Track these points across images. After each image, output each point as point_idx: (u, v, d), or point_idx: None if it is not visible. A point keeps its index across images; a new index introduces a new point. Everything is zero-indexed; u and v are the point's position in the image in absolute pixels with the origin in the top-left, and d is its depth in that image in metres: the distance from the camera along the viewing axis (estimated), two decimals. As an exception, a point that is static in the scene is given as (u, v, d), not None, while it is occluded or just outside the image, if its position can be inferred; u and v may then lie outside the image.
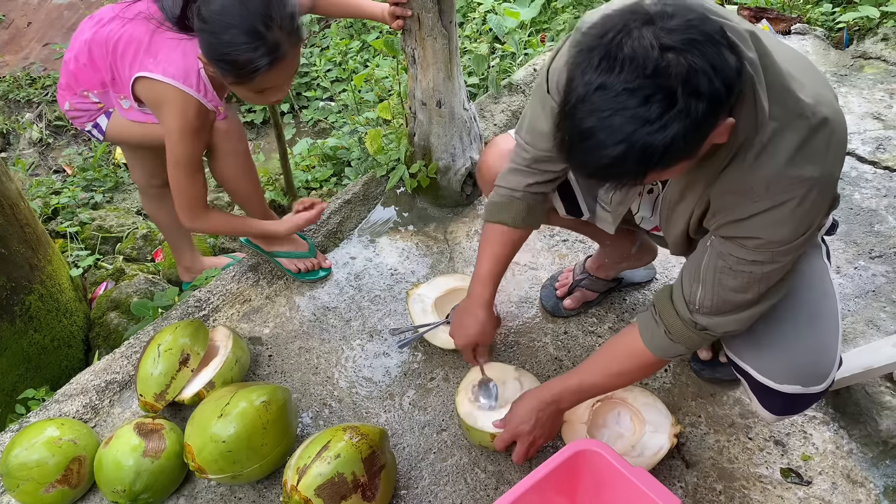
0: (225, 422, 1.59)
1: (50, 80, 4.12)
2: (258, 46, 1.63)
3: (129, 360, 2.02)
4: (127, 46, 1.81)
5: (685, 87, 0.90)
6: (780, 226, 1.15)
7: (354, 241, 2.41)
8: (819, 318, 1.38)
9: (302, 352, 2.05)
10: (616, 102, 0.92)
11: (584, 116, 0.96)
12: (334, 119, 3.54)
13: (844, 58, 3.15)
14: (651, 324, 1.40)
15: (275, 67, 1.67)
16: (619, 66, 0.91)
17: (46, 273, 2.30)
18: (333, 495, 1.50)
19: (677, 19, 0.92)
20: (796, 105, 1.08)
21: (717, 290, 1.27)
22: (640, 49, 0.91)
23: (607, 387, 1.57)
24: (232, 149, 1.94)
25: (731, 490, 1.66)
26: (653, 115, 0.91)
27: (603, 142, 0.96)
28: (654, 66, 0.90)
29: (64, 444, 1.69)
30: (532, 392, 1.60)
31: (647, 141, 0.94)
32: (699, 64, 0.90)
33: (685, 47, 0.90)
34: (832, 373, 1.36)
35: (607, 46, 0.93)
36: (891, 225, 2.26)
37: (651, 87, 0.91)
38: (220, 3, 1.61)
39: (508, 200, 1.57)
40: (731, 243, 1.21)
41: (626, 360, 1.47)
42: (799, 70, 1.12)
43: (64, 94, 1.97)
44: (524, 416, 1.57)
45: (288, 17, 1.66)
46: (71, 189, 3.26)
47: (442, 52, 2.14)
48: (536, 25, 3.63)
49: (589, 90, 0.94)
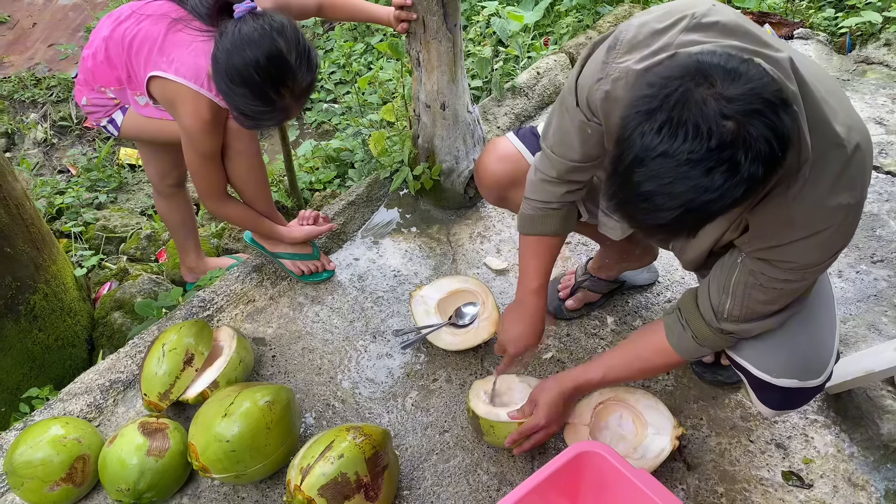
0: (229, 421, 1.60)
1: (55, 81, 4.13)
2: (267, 112, 1.69)
3: (133, 359, 2.03)
4: (142, 45, 1.83)
5: (747, 156, 0.90)
6: (816, 251, 1.18)
7: (358, 242, 2.42)
8: (815, 313, 1.40)
9: (305, 352, 2.06)
10: (678, 172, 0.92)
11: (642, 180, 0.95)
12: (338, 121, 3.54)
13: (847, 63, 3.15)
14: (678, 327, 1.43)
15: (279, 123, 1.77)
16: (682, 135, 0.91)
17: (51, 272, 2.31)
18: (337, 495, 1.50)
19: (738, 86, 0.91)
20: (834, 135, 1.08)
21: (746, 302, 1.30)
22: (704, 119, 0.90)
23: (628, 380, 1.63)
24: (243, 148, 1.95)
25: (733, 493, 1.67)
26: (715, 184, 0.91)
27: (661, 206, 0.96)
28: (719, 139, 0.90)
29: (68, 443, 1.70)
30: (552, 383, 1.61)
31: (707, 206, 0.95)
32: (761, 132, 0.90)
33: (747, 117, 0.90)
34: (829, 367, 1.38)
35: (670, 111, 0.92)
36: (892, 229, 2.26)
37: (714, 159, 0.90)
38: (240, 54, 1.63)
39: (545, 213, 1.57)
40: (764, 263, 1.23)
41: (653, 358, 1.50)
42: (829, 93, 1.12)
43: (81, 90, 2.00)
44: (550, 408, 1.59)
45: (303, 89, 1.71)
46: (75, 189, 3.28)
47: (446, 55, 2.15)
48: (540, 29, 3.64)
49: (649, 155, 0.93)
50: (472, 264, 2.30)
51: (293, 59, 1.65)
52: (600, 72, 1.22)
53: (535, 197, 1.55)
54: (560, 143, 1.42)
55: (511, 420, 1.66)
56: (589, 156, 1.40)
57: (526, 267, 1.66)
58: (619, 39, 1.20)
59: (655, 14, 1.18)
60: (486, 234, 2.41)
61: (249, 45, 1.62)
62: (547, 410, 1.59)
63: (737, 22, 1.12)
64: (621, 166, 0.98)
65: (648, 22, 1.17)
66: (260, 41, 1.62)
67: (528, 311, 1.69)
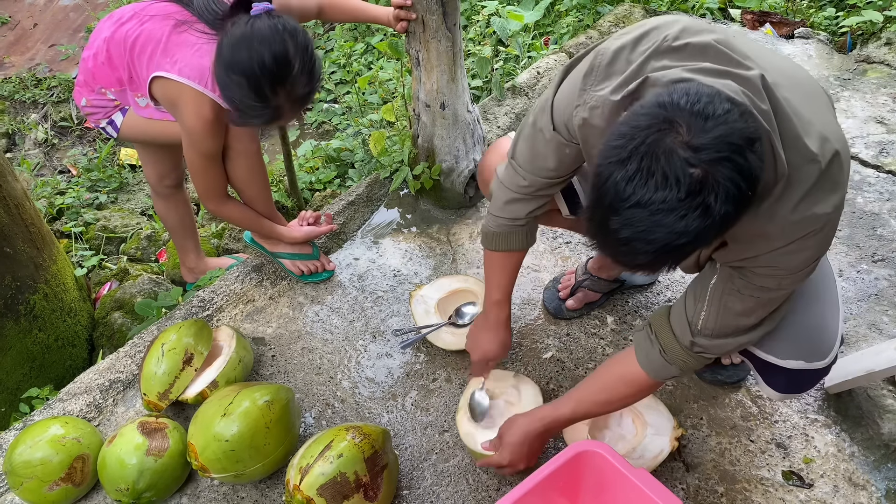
0: (228, 421, 1.60)
1: (55, 82, 4.13)
2: (258, 107, 1.68)
3: (132, 359, 2.03)
4: (144, 46, 1.83)
5: (717, 199, 0.92)
6: (792, 259, 1.18)
7: (358, 242, 2.42)
8: (819, 296, 1.41)
9: (305, 352, 2.06)
10: (652, 220, 0.94)
11: (619, 227, 0.97)
12: (338, 121, 3.54)
13: (848, 62, 3.15)
14: (646, 343, 1.41)
15: (268, 125, 1.74)
16: (653, 186, 0.92)
17: (51, 273, 2.31)
18: (336, 495, 1.50)
19: (704, 134, 0.92)
20: (807, 151, 1.09)
21: (722, 312, 1.29)
22: (671, 169, 0.92)
23: (599, 414, 1.59)
24: (243, 149, 1.95)
25: (733, 492, 1.66)
26: (690, 227, 0.93)
27: (639, 250, 0.98)
28: (688, 188, 0.91)
29: (68, 443, 1.70)
30: (521, 421, 1.58)
31: (684, 247, 0.97)
32: (730, 176, 0.92)
33: (716, 165, 0.91)
34: (834, 349, 1.39)
35: (639, 162, 0.93)
36: (893, 229, 2.26)
37: (686, 207, 0.92)
38: (246, 46, 1.63)
39: (510, 230, 1.58)
40: (742, 271, 1.23)
41: (619, 388, 1.47)
42: (803, 103, 1.12)
43: (81, 91, 2.00)
44: (514, 448, 1.57)
45: (303, 91, 1.70)
46: (76, 189, 3.28)
47: (446, 55, 2.15)
48: (540, 28, 3.63)
49: (623, 205, 0.95)
50: (471, 264, 2.29)
51: (297, 63, 1.65)
52: (578, 98, 1.24)
53: (502, 214, 1.56)
54: (531, 161, 1.43)
55: (483, 451, 1.65)
56: (564, 172, 1.42)
57: (491, 281, 1.69)
58: (594, 66, 1.21)
59: (631, 37, 1.20)
60: (486, 233, 2.40)
61: (259, 41, 1.62)
62: (510, 450, 1.57)
63: (707, 41, 1.12)
64: (598, 212, 1.00)
65: (623, 47, 1.19)
66: (270, 38, 1.63)
67: (492, 323, 1.72)
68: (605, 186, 0.97)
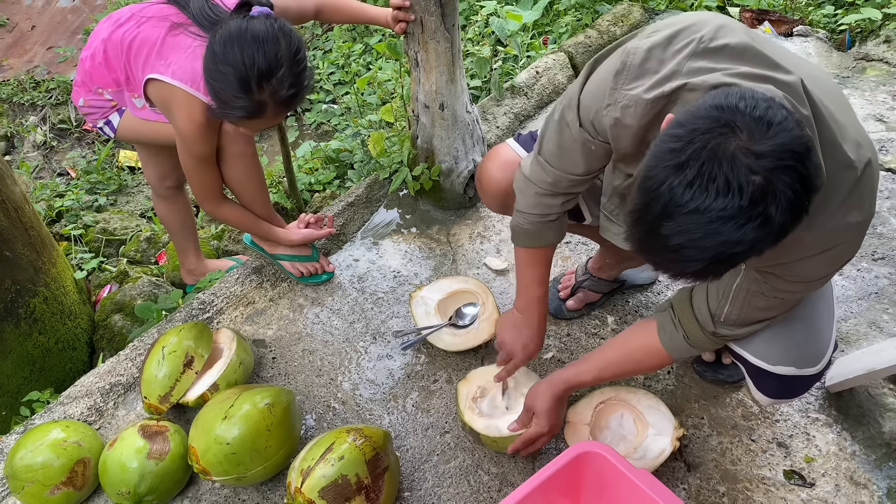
0: (229, 424, 1.60)
1: (54, 84, 4.13)
2: (241, 98, 1.66)
3: (133, 362, 2.03)
4: (140, 48, 1.84)
5: (778, 209, 0.90)
6: (824, 266, 1.18)
7: (357, 243, 2.41)
8: (813, 302, 1.40)
9: (305, 354, 2.05)
10: (709, 228, 0.91)
11: (671, 234, 0.94)
12: (337, 122, 3.54)
13: (847, 60, 3.15)
14: (670, 326, 1.42)
15: (248, 120, 1.72)
16: (714, 192, 0.89)
17: (51, 276, 2.31)
18: (337, 497, 1.50)
19: (767, 141, 0.89)
20: (844, 157, 1.08)
21: (746, 308, 1.30)
22: (734, 175, 0.89)
23: (619, 377, 1.65)
24: (239, 151, 1.95)
25: (734, 492, 1.66)
26: (747, 237, 0.91)
27: (690, 258, 0.95)
28: (751, 196, 0.89)
29: (69, 447, 1.70)
30: (545, 387, 1.60)
31: (736, 257, 0.94)
32: (791, 185, 0.90)
33: (778, 173, 0.89)
34: (826, 356, 1.39)
35: (700, 167, 0.90)
36: (893, 227, 2.26)
37: (746, 216, 0.90)
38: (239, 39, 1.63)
39: (542, 226, 1.55)
40: (769, 275, 1.23)
41: (644, 358, 1.50)
42: (838, 109, 1.11)
43: (79, 91, 2.01)
44: (549, 413, 1.60)
45: (287, 93, 1.69)
46: (75, 192, 3.27)
47: (444, 55, 2.15)
48: (539, 28, 3.63)
49: (679, 210, 0.92)
50: (472, 265, 2.29)
51: (286, 64, 1.65)
52: (609, 97, 1.21)
53: (533, 211, 1.53)
54: (559, 157, 1.40)
55: (512, 432, 1.67)
56: (592, 170, 1.40)
57: (526, 279, 1.65)
58: (626, 64, 1.19)
59: (663, 35, 1.17)
60: (485, 234, 2.40)
61: (253, 37, 1.62)
62: (547, 417, 1.60)
63: (745, 43, 1.11)
64: (648, 216, 0.96)
65: (656, 46, 1.16)
66: (264, 38, 1.63)
67: (533, 319, 1.68)
68: (659, 191, 0.93)
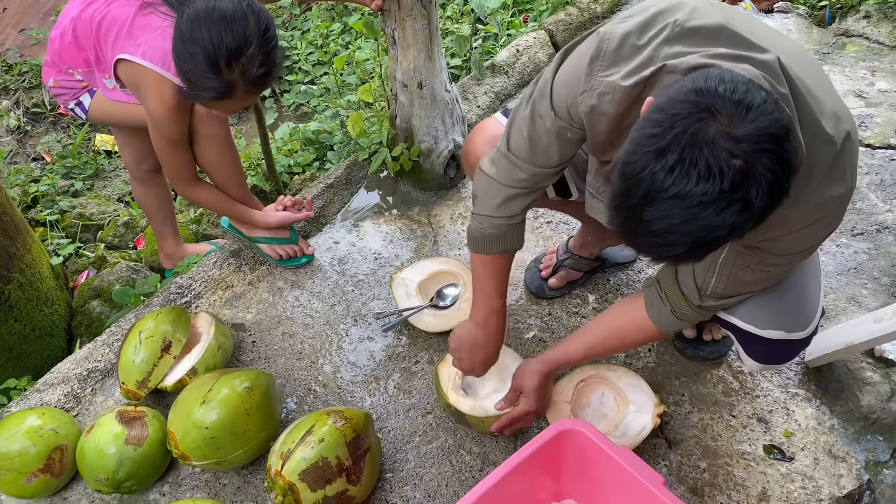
0: (207, 408, 1.58)
1: (27, 67, 4.04)
2: (211, 78, 1.62)
3: (110, 348, 2.00)
4: (110, 27, 1.80)
5: (758, 192, 0.90)
6: (806, 240, 1.19)
7: (338, 225, 2.39)
8: (802, 267, 1.41)
9: (286, 337, 2.04)
10: (690, 213, 0.91)
11: (652, 219, 0.94)
12: (316, 103, 3.50)
13: (827, 36, 3.14)
14: (657, 301, 1.43)
15: (219, 100, 1.68)
16: (695, 177, 0.89)
17: (26, 262, 2.27)
18: (318, 479, 1.49)
19: (746, 124, 0.89)
20: (823, 133, 1.08)
21: (732, 281, 1.31)
22: (715, 160, 0.89)
23: (608, 355, 1.68)
24: (212, 133, 1.92)
25: (715, 467, 1.67)
26: (727, 222, 0.91)
27: (672, 242, 0.95)
28: (732, 181, 0.89)
29: (45, 434, 1.67)
30: (534, 366, 1.60)
31: (717, 240, 0.95)
32: (771, 167, 0.90)
33: (758, 156, 0.89)
34: (815, 320, 1.40)
35: (680, 152, 0.90)
36: (872, 202, 2.27)
37: (727, 200, 0.90)
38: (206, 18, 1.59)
39: (506, 230, 1.49)
40: (755, 249, 1.23)
41: (632, 335, 1.52)
42: (815, 84, 1.11)
43: (49, 71, 1.96)
44: (538, 392, 1.61)
45: (257, 72, 1.64)
46: (50, 177, 3.21)
47: (422, 33, 2.12)
48: (519, 6, 3.59)
49: (660, 196, 0.92)
50: (453, 245, 2.28)
51: (255, 42, 1.61)
52: (584, 84, 1.20)
53: (497, 213, 1.47)
54: (531, 151, 1.36)
55: (499, 411, 1.67)
56: (565, 158, 1.38)
57: (485, 286, 1.58)
58: (601, 50, 1.17)
59: (637, 21, 1.16)
60: (466, 214, 2.39)
61: (220, 16, 1.58)
62: (535, 396, 1.61)
63: (720, 24, 1.10)
64: (629, 202, 0.96)
65: (631, 32, 1.15)
66: (232, 16, 1.59)
67: (491, 337, 1.62)
68: (640, 176, 0.93)
